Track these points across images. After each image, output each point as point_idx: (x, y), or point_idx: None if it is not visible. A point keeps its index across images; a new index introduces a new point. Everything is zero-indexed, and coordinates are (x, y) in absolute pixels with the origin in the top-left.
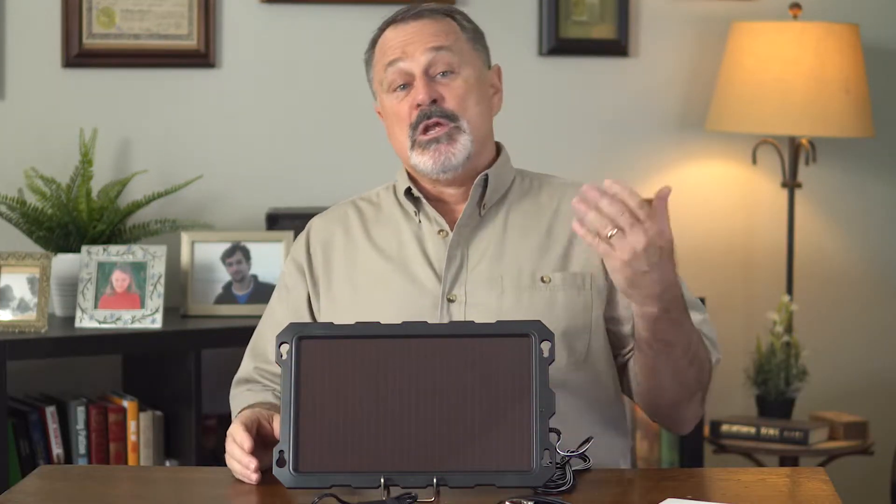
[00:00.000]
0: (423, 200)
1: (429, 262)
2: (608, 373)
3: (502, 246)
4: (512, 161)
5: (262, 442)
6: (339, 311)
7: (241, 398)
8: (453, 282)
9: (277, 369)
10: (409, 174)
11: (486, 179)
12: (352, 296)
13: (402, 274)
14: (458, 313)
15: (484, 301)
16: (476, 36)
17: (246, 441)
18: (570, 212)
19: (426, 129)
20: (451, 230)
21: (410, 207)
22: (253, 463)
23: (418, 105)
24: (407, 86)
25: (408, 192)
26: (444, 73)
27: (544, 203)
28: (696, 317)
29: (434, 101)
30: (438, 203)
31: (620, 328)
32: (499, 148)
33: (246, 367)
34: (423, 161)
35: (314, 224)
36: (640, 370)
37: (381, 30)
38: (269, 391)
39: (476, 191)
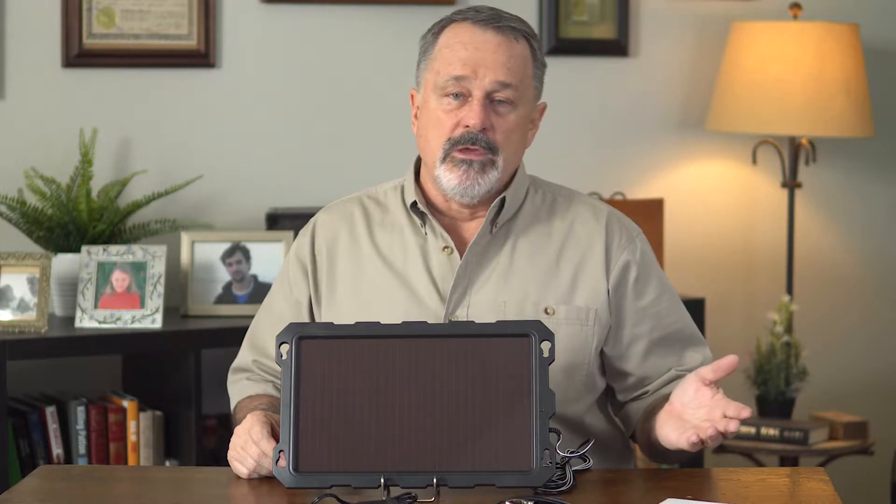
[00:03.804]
0: (430, 216)
1: (432, 280)
2: (604, 404)
3: (509, 270)
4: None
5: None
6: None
7: (240, 385)
8: (457, 304)
9: (276, 366)
10: (417, 181)
11: (502, 202)
12: (354, 309)
13: (405, 290)
14: None
15: None
16: (542, 70)
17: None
18: (582, 237)
19: (464, 149)
20: (457, 246)
21: (417, 219)
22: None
23: (466, 126)
24: (460, 96)
25: (414, 205)
26: (501, 102)
27: (555, 225)
28: (696, 357)
29: (483, 129)
30: (445, 217)
31: (622, 365)
32: None
33: (244, 357)
34: (448, 178)
35: (319, 220)
36: (648, 450)
37: (455, 21)
38: (268, 383)
39: (491, 212)
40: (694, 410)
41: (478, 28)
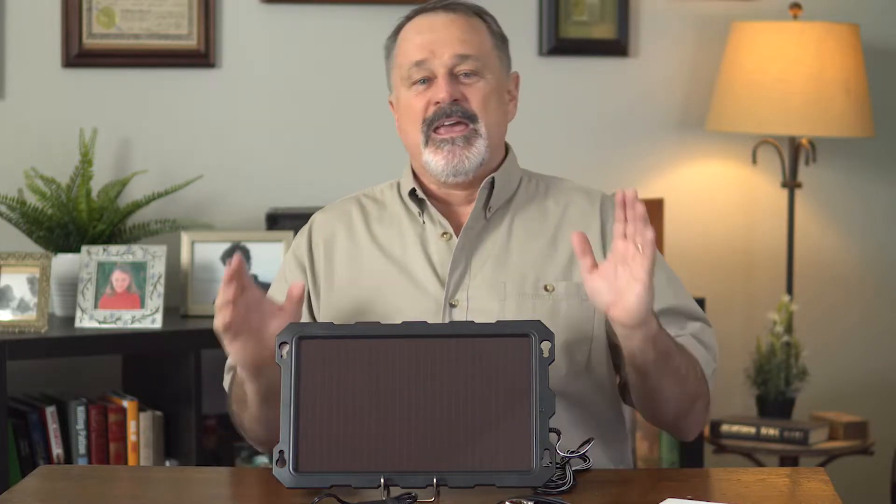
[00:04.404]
0: (428, 202)
1: (431, 266)
2: (607, 382)
3: (506, 251)
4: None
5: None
6: (339, 312)
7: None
8: (456, 287)
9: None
10: (414, 173)
11: (492, 182)
12: (353, 298)
13: (405, 277)
14: (460, 318)
15: (486, 307)
16: (502, 42)
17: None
18: (576, 218)
19: (442, 127)
20: (455, 232)
21: (415, 208)
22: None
23: (437, 102)
24: (428, 80)
25: (412, 193)
26: (467, 74)
27: (550, 209)
28: (694, 325)
29: (455, 101)
30: (443, 204)
31: None
32: (506, 148)
33: None
34: (435, 160)
35: (317, 219)
36: (641, 392)
37: (408, 18)
38: None
39: (482, 193)
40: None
41: (429, 14)
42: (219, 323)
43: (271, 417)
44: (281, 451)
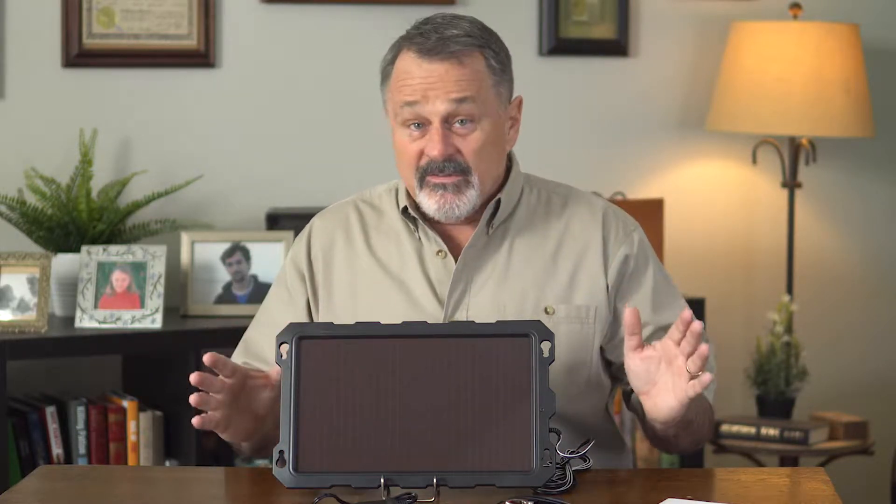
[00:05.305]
0: (421, 222)
1: (430, 284)
2: (605, 401)
3: (507, 271)
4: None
5: (238, 401)
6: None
7: None
8: (456, 306)
9: (267, 369)
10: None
11: (497, 203)
12: (352, 314)
13: (403, 295)
14: None
15: None
16: (502, 72)
17: (227, 366)
18: (578, 233)
19: (437, 174)
20: (452, 249)
21: (410, 224)
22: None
23: (430, 156)
24: (422, 125)
25: (406, 210)
26: (462, 121)
27: (552, 224)
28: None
29: (449, 156)
30: (438, 223)
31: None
32: (509, 160)
33: (236, 360)
34: (427, 203)
35: (315, 225)
36: (654, 440)
37: (404, 47)
38: None
39: (486, 213)
40: (659, 372)
41: (424, 60)
42: (206, 425)
43: (268, 453)
44: (281, 451)
